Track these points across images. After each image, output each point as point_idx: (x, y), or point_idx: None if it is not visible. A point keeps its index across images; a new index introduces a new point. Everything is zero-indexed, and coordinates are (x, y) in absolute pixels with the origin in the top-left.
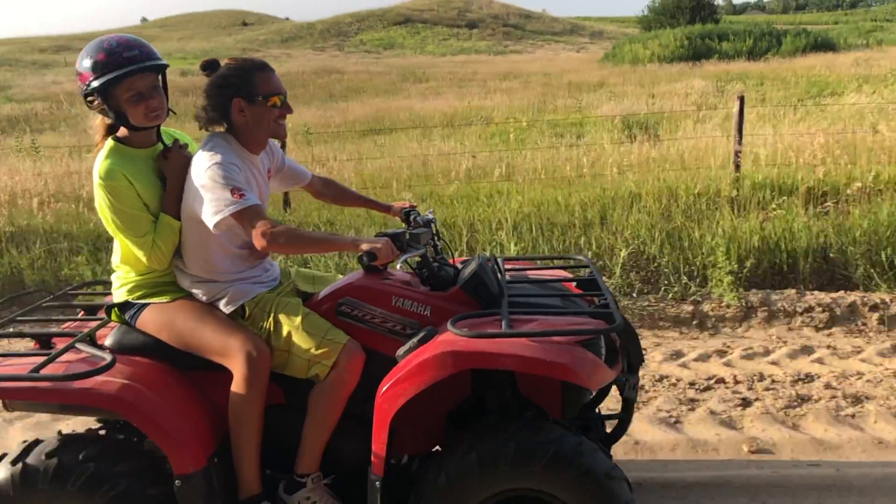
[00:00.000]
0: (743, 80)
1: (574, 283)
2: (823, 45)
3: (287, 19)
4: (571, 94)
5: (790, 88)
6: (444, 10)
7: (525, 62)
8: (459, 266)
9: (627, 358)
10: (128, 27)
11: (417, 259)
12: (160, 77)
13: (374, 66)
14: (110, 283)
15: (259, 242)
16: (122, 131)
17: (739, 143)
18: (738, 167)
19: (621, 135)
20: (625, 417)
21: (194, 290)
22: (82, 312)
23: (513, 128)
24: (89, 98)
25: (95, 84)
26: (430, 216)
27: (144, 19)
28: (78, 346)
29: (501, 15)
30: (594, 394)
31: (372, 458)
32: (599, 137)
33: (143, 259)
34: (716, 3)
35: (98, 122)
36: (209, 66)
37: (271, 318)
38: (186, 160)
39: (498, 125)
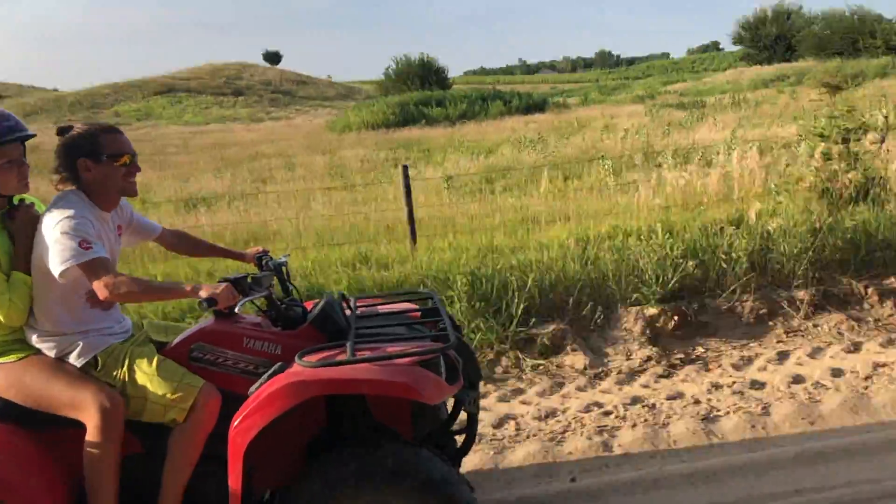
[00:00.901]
0: (408, 149)
1: (420, 314)
2: (534, 107)
3: (55, 90)
4: (218, 169)
5: (432, 156)
6: (210, 79)
7: (259, 131)
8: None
9: (468, 375)
10: None
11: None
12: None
13: None
14: None
15: (102, 293)
16: None
17: None
18: None
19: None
20: (470, 431)
21: (43, 346)
22: None
23: None
24: None
25: None
26: (283, 259)
27: None
28: None
29: (274, 81)
30: (446, 415)
31: (229, 492)
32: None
33: (1, 318)
34: (445, 70)
35: None
36: (62, 131)
37: (125, 368)
38: (33, 217)
39: None
